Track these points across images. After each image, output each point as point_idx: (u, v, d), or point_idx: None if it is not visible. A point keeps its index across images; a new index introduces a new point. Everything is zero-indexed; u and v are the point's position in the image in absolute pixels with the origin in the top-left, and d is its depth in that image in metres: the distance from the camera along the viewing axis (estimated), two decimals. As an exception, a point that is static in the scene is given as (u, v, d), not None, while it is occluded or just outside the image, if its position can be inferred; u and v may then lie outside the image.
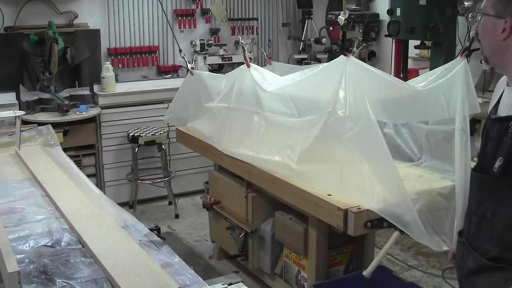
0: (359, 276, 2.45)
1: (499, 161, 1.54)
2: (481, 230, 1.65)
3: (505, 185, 1.55)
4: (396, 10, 4.40)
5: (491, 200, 1.59)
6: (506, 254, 1.58)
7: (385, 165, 2.40)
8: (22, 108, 4.34)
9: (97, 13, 5.12)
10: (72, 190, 2.52)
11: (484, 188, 1.63)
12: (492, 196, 1.59)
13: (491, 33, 1.62)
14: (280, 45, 6.15)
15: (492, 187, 1.59)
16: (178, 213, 4.80)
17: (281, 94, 3.04)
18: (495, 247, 1.60)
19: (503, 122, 1.57)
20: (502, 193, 1.57)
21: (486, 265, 1.61)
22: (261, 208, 3.38)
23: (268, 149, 3.02)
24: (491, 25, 1.62)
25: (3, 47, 4.59)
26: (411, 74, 4.66)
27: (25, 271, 1.78)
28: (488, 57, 1.69)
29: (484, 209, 1.62)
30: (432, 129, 2.79)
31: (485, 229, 1.63)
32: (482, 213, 1.63)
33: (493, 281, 1.60)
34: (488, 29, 1.63)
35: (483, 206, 1.62)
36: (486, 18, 1.64)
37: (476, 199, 1.67)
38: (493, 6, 1.61)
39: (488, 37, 1.64)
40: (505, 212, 1.56)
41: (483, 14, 1.65)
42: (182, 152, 4.90)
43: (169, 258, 1.91)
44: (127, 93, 4.84)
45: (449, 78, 2.58)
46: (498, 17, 1.59)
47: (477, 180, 1.67)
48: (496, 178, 1.56)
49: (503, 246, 1.58)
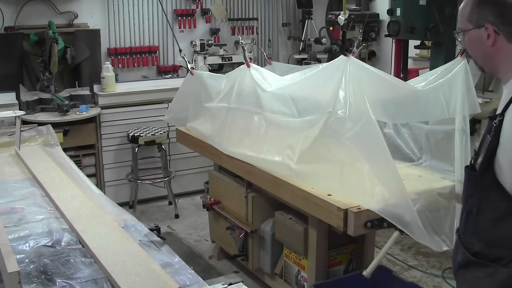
0: (359, 276, 2.46)
1: (481, 157, 1.58)
2: (468, 225, 1.68)
3: (488, 182, 1.58)
4: (396, 10, 4.40)
5: (476, 196, 1.63)
6: (488, 250, 1.61)
7: (385, 165, 2.40)
8: (22, 108, 4.34)
9: (97, 13, 5.12)
10: (72, 190, 2.52)
11: (471, 184, 1.67)
12: (477, 192, 1.62)
13: (479, 44, 1.66)
14: (280, 45, 6.15)
15: (477, 183, 1.62)
16: (178, 213, 4.80)
17: (281, 94, 3.04)
18: (479, 242, 1.63)
19: (490, 120, 1.61)
20: (485, 189, 1.60)
21: (471, 260, 1.65)
22: (261, 208, 3.38)
23: (268, 149, 3.02)
24: (475, 37, 1.66)
25: (3, 47, 4.59)
26: (411, 74, 4.66)
27: (25, 271, 1.78)
28: (483, 66, 1.73)
29: (471, 205, 1.65)
30: (432, 129, 2.79)
31: (471, 224, 1.67)
32: (469, 208, 1.67)
33: (475, 276, 1.64)
34: (474, 42, 1.68)
35: (470, 201, 1.66)
36: (468, 33, 1.68)
37: (465, 194, 1.71)
38: (469, 20, 1.66)
39: (477, 49, 1.69)
40: (488, 208, 1.60)
41: (464, 32, 1.70)
42: (182, 152, 4.90)
43: (169, 258, 1.91)
44: (127, 93, 4.84)
45: (449, 78, 2.59)
46: (477, 27, 1.64)
47: (466, 175, 1.71)
48: (480, 174, 1.59)
49: (486, 242, 1.62)
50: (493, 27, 1.61)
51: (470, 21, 1.66)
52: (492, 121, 1.58)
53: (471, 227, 1.66)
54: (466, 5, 1.68)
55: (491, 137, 1.56)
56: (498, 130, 1.55)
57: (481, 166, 1.58)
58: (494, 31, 1.61)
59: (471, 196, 1.66)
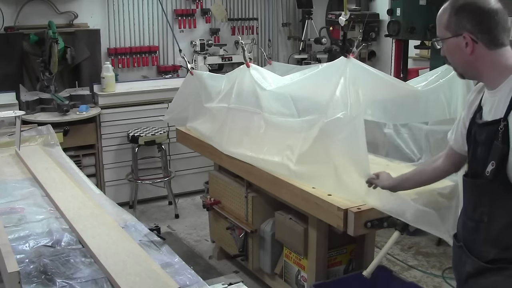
0: (359, 276, 2.46)
1: (491, 165, 1.56)
2: (478, 234, 1.66)
3: (498, 188, 1.57)
4: (396, 10, 4.41)
5: (486, 204, 1.61)
6: (504, 254, 1.60)
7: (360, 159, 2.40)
8: (22, 108, 4.34)
9: (97, 13, 5.12)
10: (72, 190, 2.52)
11: (478, 193, 1.64)
12: (487, 200, 1.60)
13: (458, 52, 1.66)
14: (280, 45, 6.15)
15: (486, 191, 1.60)
16: (178, 213, 4.80)
17: (280, 94, 3.04)
18: (494, 248, 1.61)
19: (491, 126, 1.59)
20: (496, 196, 1.58)
21: (485, 268, 1.63)
22: (261, 208, 3.37)
23: (268, 150, 3.02)
24: (453, 45, 1.67)
25: (3, 47, 4.59)
26: (411, 74, 4.66)
27: (25, 271, 1.78)
28: (463, 74, 1.74)
29: (480, 214, 1.63)
30: (432, 129, 2.79)
31: (482, 233, 1.64)
32: (478, 217, 1.64)
33: (493, 280, 1.62)
34: (453, 50, 1.68)
35: (479, 210, 1.64)
36: (447, 41, 1.69)
37: (471, 204, 1.68)
38: (447, 28, 1.66)
39: (456, 56, 1.69)
40: (501, 214, 1.58)
41: (442, 40, 1.70)
42: (182, 152, 4.90)
43: (169, 258, 1.91)
44: (127, 93, 4.84)
45: (449, 78, 2.59)
46: (455, 36, 1.64)
47: (470, 185, 1.69)
48: (490, 182, 1.57)
49: (501, 247, 1.60)
50: (470, 36, 1.61)
51: (448, 29, 1.66)
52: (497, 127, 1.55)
53: (483, 235, 1.64)
54: (444, 13, 1.68)
55: (501, 143, 1.54)
56: (505, 136, 1.54)
57: (494, 174, 1.55)
58: (471, 40, 1.61)
59: (480, 205, 1.63)
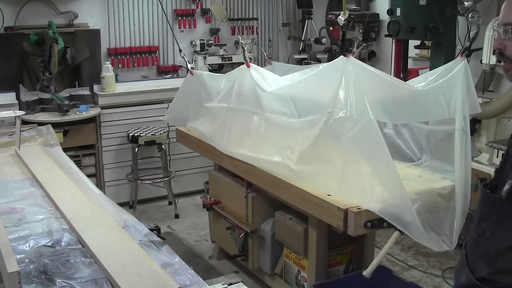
0: (359, 276, 2.45)
1: (508, 184, 1.42)
2: (477, 248, 1.57)
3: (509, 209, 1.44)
4: (396, 10, 4.40)
5: (492, 220, 1.49)
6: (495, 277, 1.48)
7: (385, 165, 2.40)
8: (22, 108, 4.34)
9: (97, 13, 5.12)
10: (72, 190, 2.52)
11: (487, 207, 1.52)
12: (494, 216, 1.49)
13: None
14: (280, 45, 6.15)
15: (496, 207, 1.48)
16: (178, 213, 4.80)
17: (281, 94, 3.04)
18: (487, 267, 1.50)
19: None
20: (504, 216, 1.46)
21: (475, 284, 1.51)
22: (261, 208, 3.38)
23: (268, 150, 3.02)
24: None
25: (3, 47, 4.59)
26: (411, 74, 4.66)
27: (25, 271, 1.78)
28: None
29: (484, 228, 1.53)
30: (432, 129, 2.78)
31: (481, 247, 1.54)
32: (481, 231, 1.54)
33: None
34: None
35: (483, 224, 1.53)
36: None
37: (478, 216, 1.58)
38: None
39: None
40: (504, 235, 1.46)
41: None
42: (182, 152, 4.90)
43: (169, 258, 1.91)
44: (127, 93, 4.84)
45: (449, 78, 2.58)
46: None
47: (484, 196, 1.56)
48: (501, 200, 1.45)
49: (494, 268, 1.49)
50: None
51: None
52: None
53: (481, 250, 1.54)
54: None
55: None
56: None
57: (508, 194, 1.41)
58: None
59: (485, 219, 1.52)
